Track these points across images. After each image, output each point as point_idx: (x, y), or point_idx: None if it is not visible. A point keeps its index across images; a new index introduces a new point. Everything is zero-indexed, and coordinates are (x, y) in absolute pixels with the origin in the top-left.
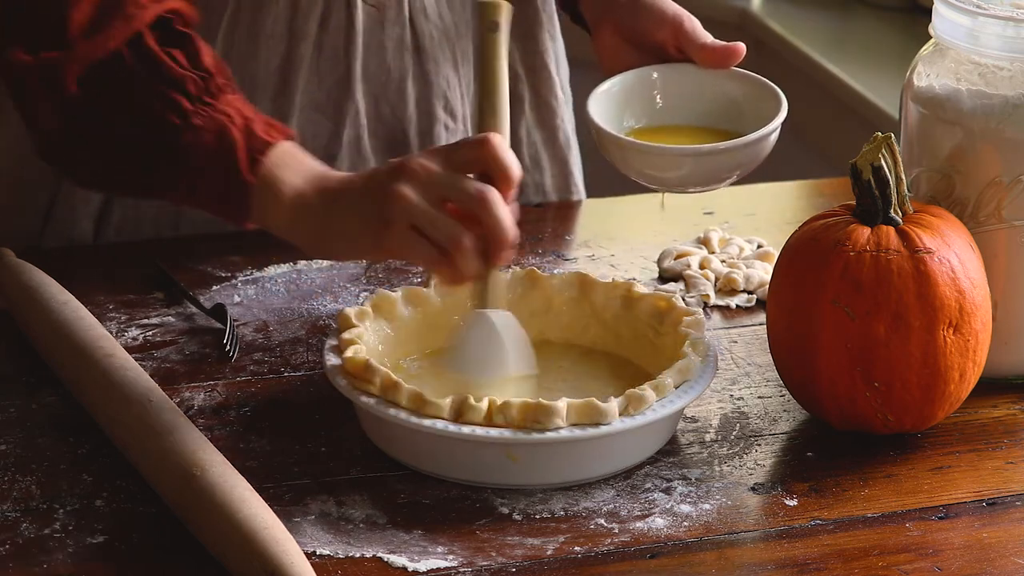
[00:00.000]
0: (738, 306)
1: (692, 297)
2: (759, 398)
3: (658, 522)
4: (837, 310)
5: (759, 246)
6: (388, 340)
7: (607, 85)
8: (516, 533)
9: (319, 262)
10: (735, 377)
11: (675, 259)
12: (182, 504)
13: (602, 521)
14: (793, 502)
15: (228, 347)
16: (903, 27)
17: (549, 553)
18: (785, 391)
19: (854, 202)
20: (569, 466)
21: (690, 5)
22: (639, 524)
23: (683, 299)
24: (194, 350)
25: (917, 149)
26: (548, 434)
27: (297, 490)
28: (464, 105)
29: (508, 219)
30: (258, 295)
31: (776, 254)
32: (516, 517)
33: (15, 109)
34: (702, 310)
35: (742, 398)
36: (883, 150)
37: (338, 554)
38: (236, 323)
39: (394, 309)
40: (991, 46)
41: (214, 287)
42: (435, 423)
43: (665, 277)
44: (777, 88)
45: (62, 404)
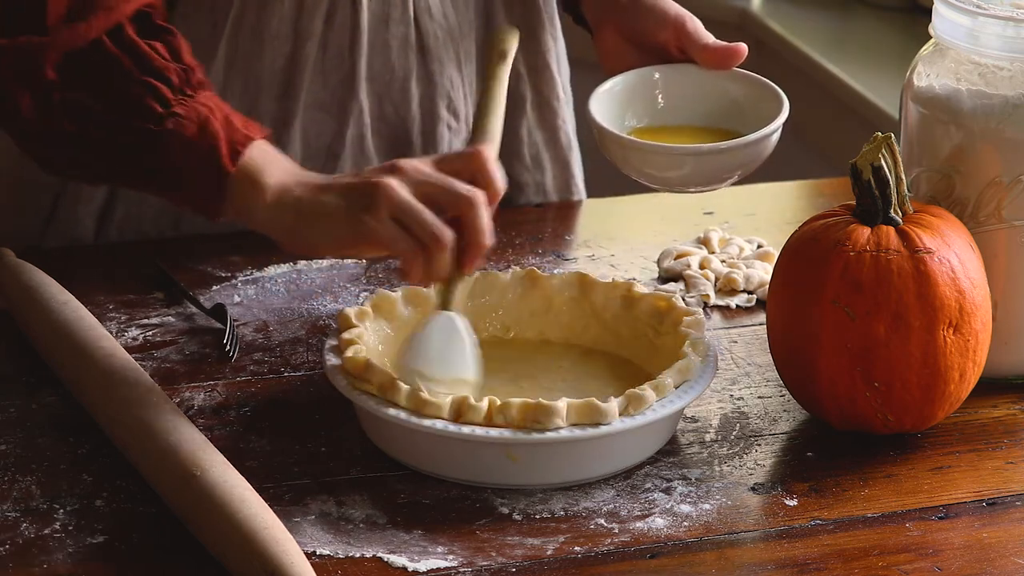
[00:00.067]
0: (738, 306)
1: (692, 297)
2: (759, 398)
3: (658, 522)
4: (837, 310)
5: (759, 246)
6: (388, 340)
7: (609, 85)
8: (516, 533)
9: (319, 262)
10: (735, 377)
11: (675, 259)
12: (182, 504)
13: (602, 521)
14: (793, 502)
15: (228, 347)
16: (903, 27)
17: (549, 553)
18: (785, 391)
19: (854, 202)
20: (569, 466)
21: (690, 5)
22: (639, 524)
23: (683, 299)
24: (194, 350)
25: (917, 149)
26: (548, 434)
27: (297, 490)
28: (467, 105)
29: (490, 225)
30: (258, 295)
31: (776, 254)
32: (516, 517)
33: None
34: (702, 310)
35: (742, 398)
36: (883, 150)
37: (338, 554)
38: (236, 323)
39: (394, 309)
40: (991, 46)
41: (214, 287)
42: (435, 423)
43: (665, 277)
44: (779, 89)
45: (62, 404)
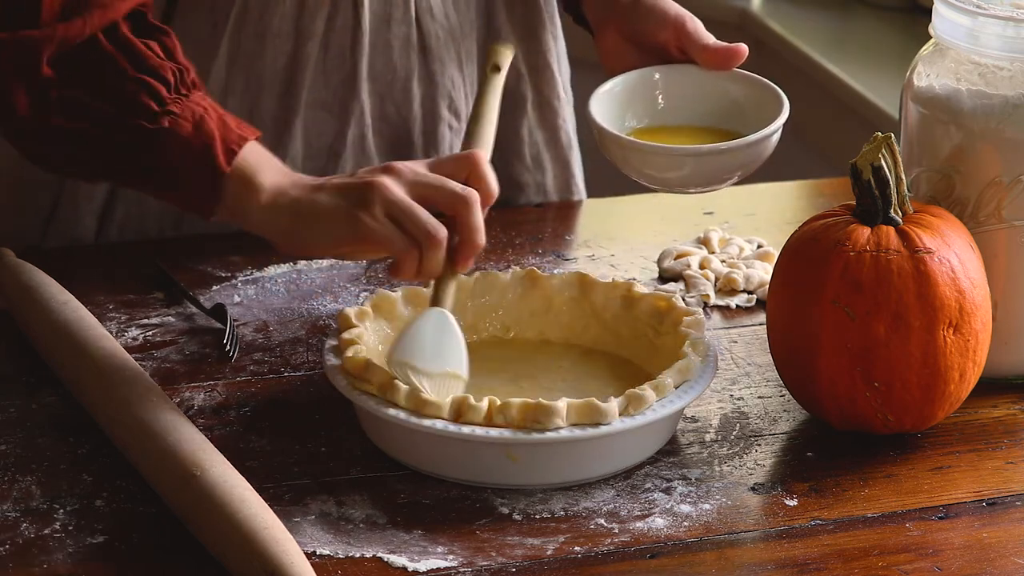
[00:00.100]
0: (738, 306)
1: (692, 297)
2: (759, 398)
3: (658, 522)
4: (837, 310)
5: (759, 246)
6: (388, 340)
7: (609, 85)
8: (516, 533)
9: (319, 262)
10: (735, 377)
11: (675, 259)
12: (182, 504)
13: (602, 521)
14: (793, 502)
15: (228, 347)
16: (903, 27)
17: (549, 553)
18: (785, 391)
19: (854, 202)
20: (569, 466)
21: (690, 5)
22: (639, 524)
23: (683, 299)
24: (194, 350)
25: (917, 149)
26: (548, 434)
27: (297, 490)
28: (468, 105)
29: (483, 225)
30: (258, 295)
31: (776, 254)
32: (516, 517)
33: None
34: (702, 310)
35: (742, 398)
36: (883, 150)
37: (338, 554)
38: (236, 323)
39: (394, 309)
40: (991, 46)
41: (214, 287)
42: (435, 423)
43: (665, 277)
44: (779, 89)
45: (62, 404)
